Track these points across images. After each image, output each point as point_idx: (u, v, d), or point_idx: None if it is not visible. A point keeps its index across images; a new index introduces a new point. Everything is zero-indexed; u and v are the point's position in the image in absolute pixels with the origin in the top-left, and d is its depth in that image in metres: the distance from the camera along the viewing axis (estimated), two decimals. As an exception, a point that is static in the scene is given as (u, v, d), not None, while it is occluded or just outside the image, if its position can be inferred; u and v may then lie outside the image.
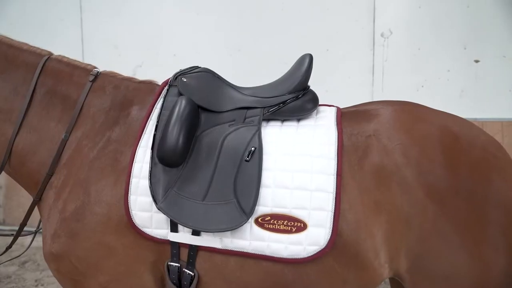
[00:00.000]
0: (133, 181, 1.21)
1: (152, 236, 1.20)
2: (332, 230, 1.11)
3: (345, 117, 1.31)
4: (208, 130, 1.26)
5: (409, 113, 1.28)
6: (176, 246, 1.20)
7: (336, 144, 1.20)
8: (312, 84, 1.38)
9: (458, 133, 1.21)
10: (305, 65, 1.34)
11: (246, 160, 1.16)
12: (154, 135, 1.22)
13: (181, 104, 1.21)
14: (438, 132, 1.20)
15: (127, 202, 1.20)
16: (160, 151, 1.17)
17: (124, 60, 3.66)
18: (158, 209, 1.14)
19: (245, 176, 1.15)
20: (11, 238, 1.43)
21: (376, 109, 1.31)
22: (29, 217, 1.38)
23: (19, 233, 1.40)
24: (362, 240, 1.13)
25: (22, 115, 1.34)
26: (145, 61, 3.67)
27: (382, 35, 3.30)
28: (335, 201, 1.13)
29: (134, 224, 1.19)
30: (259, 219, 1.14)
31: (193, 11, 3.56)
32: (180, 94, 1.30)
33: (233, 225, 1.10)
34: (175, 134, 1.16)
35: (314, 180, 1.15)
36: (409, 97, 1.61)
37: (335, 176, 1.15)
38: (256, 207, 1.14)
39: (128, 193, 1.20)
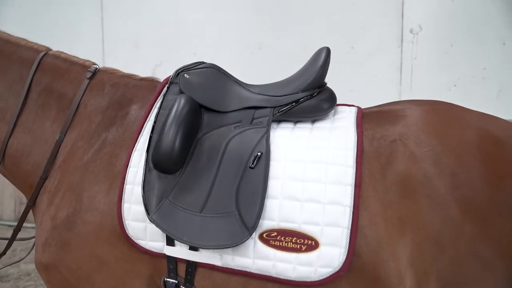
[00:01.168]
0: (127, 187, 1.10)
1: (147, 249, 1.08)
2: (348, 250, 0.96)
3: (366, 118, 1.15)
4: (210, 132, 1.14)
5: (441, 114, 1.11)
6: (173, 261, 1.08)
7: (355, 150, 1.04)
8: (336, 83, 1.24)
9: (502, 138, 1.02)
10: (321, 59, 1.19)
11: (251, 167, 1.03)
12: (150, 137, 1.10)
13: (179, 103, 1.09)
14: (477, 136, 1.02)
15: (120, 211, 1.09)
16: (155, 155, 1.05)
17: (144, 59, 3.63)
18: (150, 221, 1.02)
19: (248, 185, 1.01)
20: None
21: (402, 109, 1.15)
22: (23, 223, 1.30)
23: (13, 239, 1.32)
24: (384, 262, 0.97)
25: (16, 115, 1.26)
26: (165, 60, 3.61)
27: (411, 31, 3.09)
28: (352, 216, 0.97)
29: (128, 235, 1.08)
30: (264, 235, 1.00)
31: (212, 8, 3.47)
32: (182, 92, 1.18)
33: (233, 242, 0.96)
34: (171, 136, 1.04)
35: (329, 191, 1.00)
36: (441, 97, 1.43)
37: (353, 187, 0.99)
38: (261, 221, 1.00)
39: (121, 200, 1.09)
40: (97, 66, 1.32)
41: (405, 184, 1.00)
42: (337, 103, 1.29)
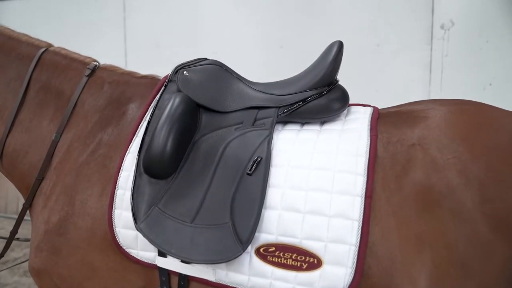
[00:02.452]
0: (119, 192, 1.02)
1: (138, 259, 1.01)
2: (355, 270, 0.84)
3: (382, 120, 1.02)
4: (208, 134, 1.04)
5: (469, 115, 0.96)
6: (165, 273, 0.99)
7: (367, 156, 0.92)
8: (360, 82, 1.13)
9: None
10: (332, 54, 1.07)
11: (248, 173, 0.92)
12: (143, 139, 1.02)
13: (173, 103, 1.00)
14: (511, 141, 0.88)
15: (111, 217, 1.02)
16: (145, 158, 0.97)
17: (164, 58, 3.61)
18: (137, 230, 0.94)
19: (245, 194, 0.91)
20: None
21: (424, 109, 1.01)
22: (19, 225, 1.25)
23: (10, 242, 1.28)
24: (397, 285, 0.84)
25: (14, 113, 1.22)
26: (185, 59, 3.57)
27: (442, 26, 2.88)
28: (361, 232, 0.85)
29: (118, 243, 1.01)
30: (261, 250, 0.89)
31: (233, 6, 3.40)
32: (179, 90, 1.09)
33: (225, 256, 0.86)
34: (162, 138, 0.95)
35: (335, 203, 0.88)
36: (474, 97, 1.27)
37: (363, 198, 0.87)
38: (257, 234, 0.89)
39: (112, 206, 1.02)
40: (97, 63, 1.26)
41: (424, 196, 0.86)
42: (355, 103, 1.17)
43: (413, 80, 2.95)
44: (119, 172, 1.04)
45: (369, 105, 1.14)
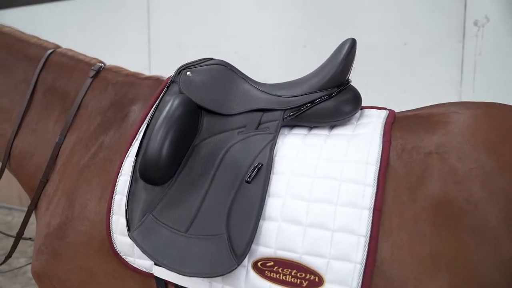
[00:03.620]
0: (117, 198, 0.99)
1: (135, 267, 0.97)
2: (361, 292, 0.76)
3: (397, 124, 0.93)
4: (209, 138, 0.99)
5: (498, 120, 0.86)
6: (162, 282, 0.95)
7: (378, 164, 0.84)
8: (386, 83, 1.04)
9: None
10: (343, 52, 0.99)
11: (247, 181, 0.86)
12: (141, 142, 0.98)
13: (172, 105, 0.95)
14: None
15: (109, 223, 0.98)
16: (141, 163, 0.93)
17: (187, 59, 3.59)
18: (130, 238, 0.89)
19: (243, 203, 0.85)
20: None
21: (446, 113, 0.91)
22: (25, 227, 1.25)
23: (16, 243, 1.28)
24: None
25: (21, 115, 1.22)
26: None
27: (475, 23, 2.71)
28: (368, 249, 0.77)
29: (116, 250, 0.97)
30: (259, 264, 0.82)
31: (254, 6, 3.35)
32: (181, 92, 1.04)
33: (218, 270, 0.80)
34: (157, 142, 0.91)
35: (339, 216, 0.80)
36: (510, 100, 1.15)
37: (371, 211, 0.79)
38: (255, 247, 0.83)
39: (110, 211, 0.99)
40: (102, 64, 1.24)
41: (441, 211, 0.77)
42: (369, 106, 1.08)
43: (443, 81, 2.78)
44: (117, 176, 1.00)
45: (385, 108, 1.05)
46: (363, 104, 1.04)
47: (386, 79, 2.83)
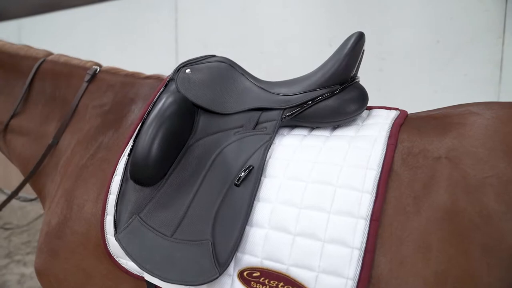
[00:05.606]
0: (111, 198, 0.96)
1: (127, 270, 0.94)
2: (352, 312, 0.68)
3: (406, 126, 0.84)
4: (204, 138, 0.94)
5: None
6: (153, 286, 0.91)
7: (379, 169, 0.75)
8: (417, 82, 0.95)
9: None
10: (348, 47, 0.91)
11: (236, 184, 0.80)
12: (134, 141, 0.95)
13: (164, 103, 0.92)
14: None
15: (103, 224, 0.96)
16: (130, 163, 0.90)
17: (212, 59, 3.60)
18: (116, 240, 0.86)
19: (230, 207, 0.79)
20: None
21: (463, 114, 0.81)
22: (20, 189, 1.31)
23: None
24: None
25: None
26: (232, 59, 3.55)
27: (517, 17, 2.50)
28: (362, 263, 0.69)
29: (109, 251, 0.95)
30: (245, 273, 0.77)
31: (280, 5, 3.29)
32: (178, 90, 1.00)
33: (200, 279, 0.75)
34: (146, 142, 0.87)
35: (332, 225, 0.73)
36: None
37: (368, 221, 0.71)
38: (241, 255, 0.77)
39: (104, 212, 0.97)
40: (97, 67, 1.24)
41: (449, 224, 0.68)
42: (379, 106, 1.00)
43: (480, 80, 2.59)
44: (112, 177, 0.98)
45: (396, 108, 0.96)
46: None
47: (417, 77, 2.68)
